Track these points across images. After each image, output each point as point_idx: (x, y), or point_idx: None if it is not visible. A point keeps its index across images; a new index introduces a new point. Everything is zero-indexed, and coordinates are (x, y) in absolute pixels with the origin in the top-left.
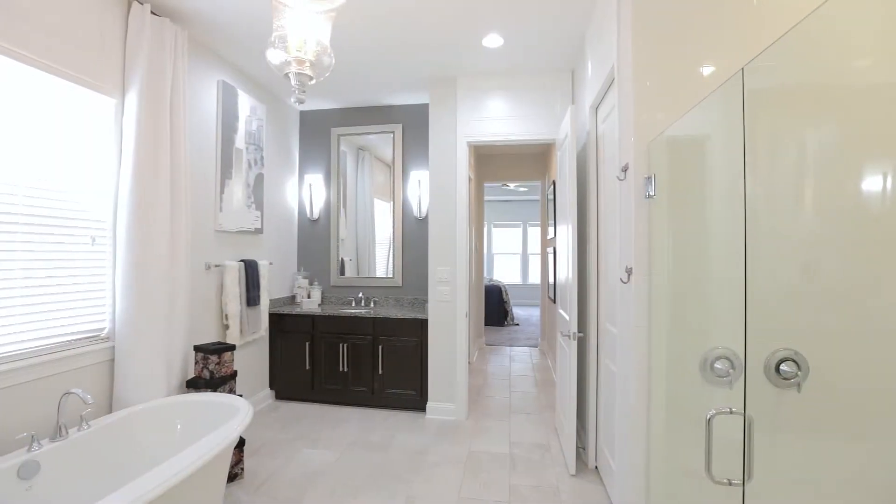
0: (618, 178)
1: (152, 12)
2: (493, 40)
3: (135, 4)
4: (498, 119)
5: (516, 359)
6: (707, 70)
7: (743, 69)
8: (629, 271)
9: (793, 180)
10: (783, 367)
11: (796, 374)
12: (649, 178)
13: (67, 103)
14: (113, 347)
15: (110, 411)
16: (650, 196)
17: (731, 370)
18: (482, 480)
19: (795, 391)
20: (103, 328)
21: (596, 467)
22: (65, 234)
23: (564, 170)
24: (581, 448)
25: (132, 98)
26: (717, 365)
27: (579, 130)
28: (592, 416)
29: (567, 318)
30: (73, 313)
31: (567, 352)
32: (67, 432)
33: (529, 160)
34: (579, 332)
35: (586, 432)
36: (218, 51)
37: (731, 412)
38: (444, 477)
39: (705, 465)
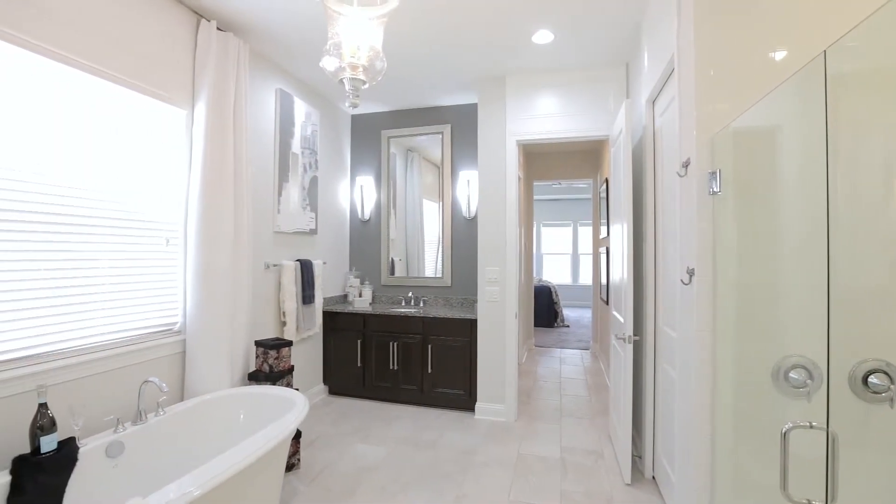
0: (678, 174)
1: (218, 28)
2: (543, 36)
3: (203, 22)
4: (548, 116)
5: (567, 361)
6: (779, 55)
7: (825, 52)
8: (691, 272)
9: (882, 172)
10: (872, 379)
11: (888, 388)
12: (713, 173)
13: (145, 116)
14: (184, 340)
15: (182, 399)
16: (714, 192)
17: (808, 381)
18: (532, 484)
19: (888, 406)
20: (176, 322)
21: (653, 477)
22: (142, 236)
23: (619, 166)
24: (637, 456)
25: (201, 109)
26: (793, 374)
27: (635, 125)
28: (649, 424)
29: (622, 320)
30: (149, 308)
31: (621, 355)
32: (147, 417)
33: (581, 158)
34: (635, 335)
35: (643, 440)
36: (276, 61)
37: (812, 427)
38: (494, 478)
39: (781, 482)
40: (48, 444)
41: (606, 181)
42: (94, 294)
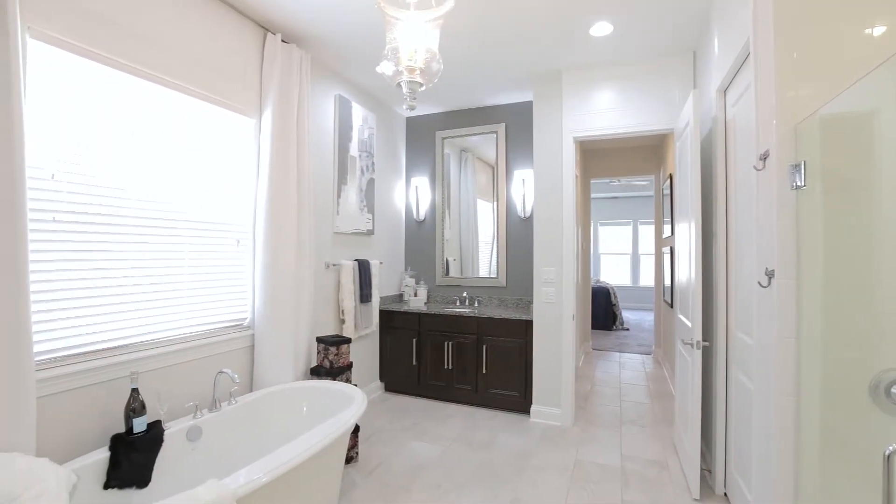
0: (755, 167)
1: (282, 40)
2: (601, 28)
3: (269, 35)
4: (607, 111)
5: (627, 366)
6: (877, 31)
7: None
8: (770, 274)
9: None
10: None
11: None
12: (797, 165)
13: (220, 126)
14: (253, 335)
15: (251, 390)
16: (798, 187)
17: None
18: (590, 492)
19: None
20: (245, 318)
21: (725, 494)
22: (216, 237)
23: (685, 161)
24: (706, 471)
25: (267, 117)
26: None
27: (703, 117)
28: (720, 436)
29: (689, 324)
30: (223, 305)
31: (689, 361)
32: (221, 405)
33: (641, 153)
34: (704, 340)
35: (713, 454)
36: (334, 68)
37: None
38: (549, 483)
39: None
40: (139, 425)
41: (670, 177)
42: (176, 291)
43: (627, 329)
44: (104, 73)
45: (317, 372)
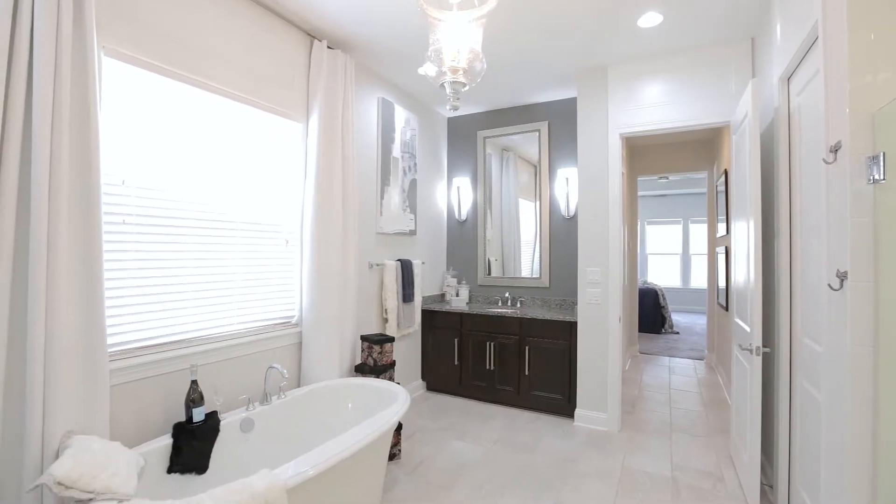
0: (824, 160)
1: (328, 46)
2: (650, 19)
3: (315, 42)
4: (655, 106)
5: (677, 371)
6: None
7: None
8: (842, 276)
9: None
10: None
11: None
12: (874, 157)
13: (270, 131)
14: (300, 332)
15: (299, 385)
16: (875, 180)
17: None
18: (639, 501)
19: None
20: (293, 316)
21: None
22: (267, 238)
23: (743, 155)
24: (767, 485)
25: (314, 122)
26: None
27: (763, 108)
28: (783, 449)
29: (747, 329)
30: (272, 302)
31: (747, 368)
32: (271, 399)
33: (692, 148)
34: (764, 346)
35: (774, 467)
36: (377, 71)
37: None
38: (595, 489)
39: None
40: (198, 414)
41: (725, 173)
42: (230, 289)
43: (677, 333)
44: (165, 84)
45: (361, 369)
